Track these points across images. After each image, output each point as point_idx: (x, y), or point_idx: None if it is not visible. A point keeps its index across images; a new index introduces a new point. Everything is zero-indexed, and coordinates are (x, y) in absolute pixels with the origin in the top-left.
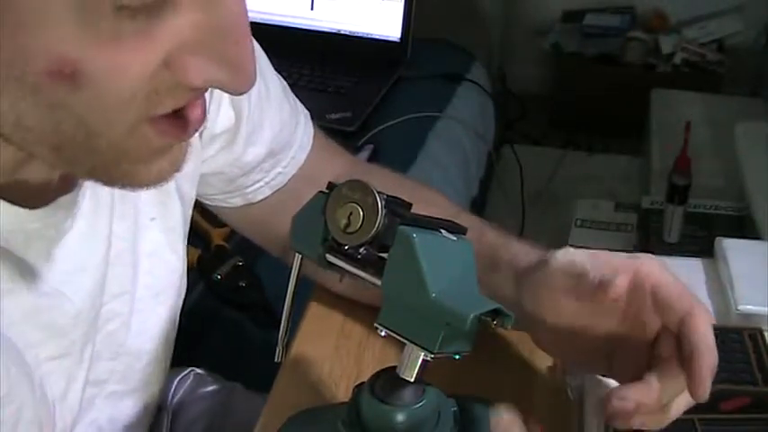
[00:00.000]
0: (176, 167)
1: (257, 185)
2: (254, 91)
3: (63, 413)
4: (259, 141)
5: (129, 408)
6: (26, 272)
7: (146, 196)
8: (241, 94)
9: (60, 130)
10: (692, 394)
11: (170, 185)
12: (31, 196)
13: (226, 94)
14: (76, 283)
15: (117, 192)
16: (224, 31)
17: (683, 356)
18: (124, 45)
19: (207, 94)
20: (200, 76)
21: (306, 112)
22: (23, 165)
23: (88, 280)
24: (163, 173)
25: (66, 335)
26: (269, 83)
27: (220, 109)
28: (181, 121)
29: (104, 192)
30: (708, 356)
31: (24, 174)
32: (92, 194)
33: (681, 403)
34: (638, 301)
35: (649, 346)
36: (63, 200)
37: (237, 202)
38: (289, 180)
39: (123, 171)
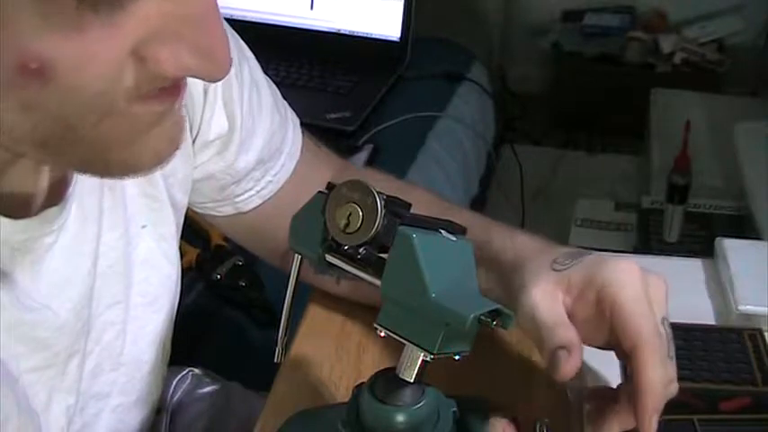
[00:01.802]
0: (174, 145)
1: (248, 194)
2: (246, 98)
3: (49, 425)
4: (251, 149)
5: (133, 418)
6: (10, 285)
7: (136, 204)
8: (215, 81)
9: (39, 129)
10: (639, 429)
11: (161, 192)
12: (18, 207)
13: (219, 101)
14: (61, 296)
15: (106, 202)
16: (194, 20)
17: (631, 389)
18: (89, 37)
19: (201, 100)
20: (173, 65)
21: (295, 119)
22: (8, 169)
23: (73, 293)
24: (161, 152)
25: (49, 347)
26: (261, 90)
27: (213, 116)
28: (163, 90)
29: (92, 204)
30: (651, 399)
31: (10, 183)
32: (78, 208)
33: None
34: (606, 319)
35: None
36: (49, 212)
37: (228, 210)
38: (279, 189)
39: (117, 158)
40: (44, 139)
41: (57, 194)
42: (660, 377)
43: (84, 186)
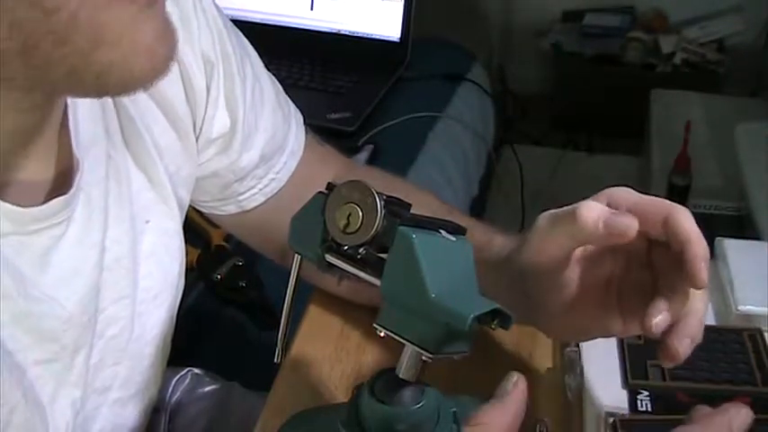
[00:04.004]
0: (169, 51)
1: (251, 192)
2: (248, 95)
3: (55, 418)
4: (254, 146)
5: (130, 412)
6: (18, 277)
7: (141, 199)
8: None
9: (16, 24)
10: (693, 284)
11: (166, 188)
12: (25, 196)
13: (221, 98)
14: (69, 288)
15: (112, 196)
16: None
17: (676, 254)
18: None
19: (203, 97)
20: None
21: (299, 117)
22: (16, 155)
23: (80, 286)
24: (156, 58)
25: (57, 340)
26: (263, 87)
27: (216, 113)
28: None
29: (98, 197)
30: (700, 243)
31: (18, 171)
32: (85, 199)
33: (698, 307)
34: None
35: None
36: (57, 202)
37: (232, 209)
38: (282, 187)
39: (109, 62)
40: (26, 42)
41: (62, 185)
42: (698, 231)
43: (90, 178)
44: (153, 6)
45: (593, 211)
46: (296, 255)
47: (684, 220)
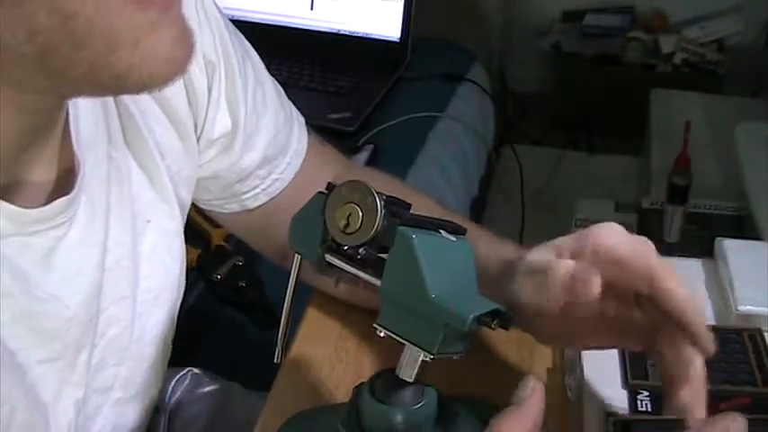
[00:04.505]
0: (184, 48)
1: (254, 192)
2: (249, 96)
3: (57, 417)
4: (255, 147)
5: (131, 412)
6: (21, 277)
7: (142, 199)
8: None
9: (36, 30)
10: (700, 351)
11: (167, 188)
12: (28, 197)
13: (223, 100)
14: (71, 288)
15: (113, 196)
16: None
17: (668, 317)
18: None
19: (204, 98)
20: None
21: (300, 118)
22: (19, 158)
23: (83, 286)
24: (175, 62)
25: (60, 339)
26: (265, 89)
27: (217, 114)
28: None
29: (100, 197)
30: (692, 311)
31: (21, 172)
32: (87, 200)
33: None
34: (603, 273)
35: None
36: (59, 202)
37: (234, 208)
38: (285, 187)
39: (126, 66)
40: (43, 48)
41: (65, 186)
42: (684, 292)
43: (92, 179)
44: (169, 12)
45: (563, 273)
46: (296, 255)
47: (670, 287)
